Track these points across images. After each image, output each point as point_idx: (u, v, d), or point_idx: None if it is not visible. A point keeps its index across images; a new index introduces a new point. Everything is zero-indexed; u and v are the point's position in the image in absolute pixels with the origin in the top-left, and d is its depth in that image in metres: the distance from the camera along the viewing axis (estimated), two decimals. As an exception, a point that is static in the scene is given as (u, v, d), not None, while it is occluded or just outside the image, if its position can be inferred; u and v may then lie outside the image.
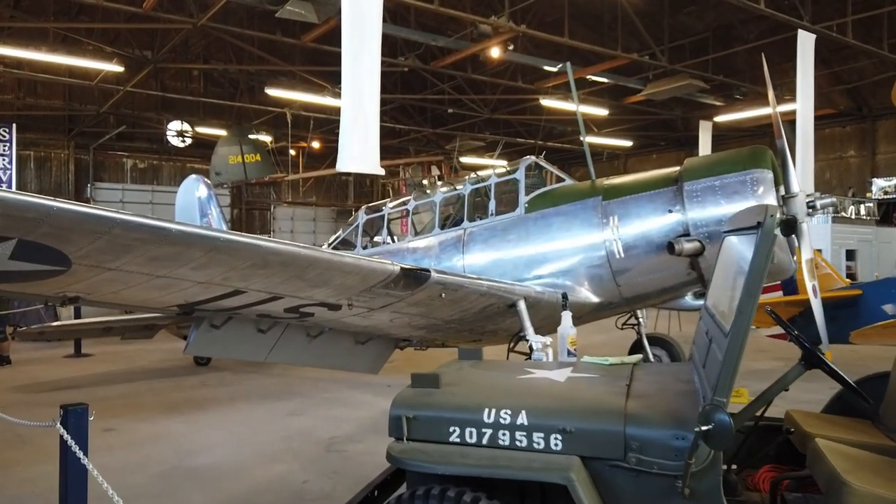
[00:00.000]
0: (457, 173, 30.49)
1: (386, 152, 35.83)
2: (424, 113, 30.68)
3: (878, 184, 24.44)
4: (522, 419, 3.03)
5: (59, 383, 10.75)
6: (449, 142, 31.39)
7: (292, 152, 29.26)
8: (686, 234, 7.30)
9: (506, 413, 3.07)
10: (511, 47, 17.24)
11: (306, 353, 7.33)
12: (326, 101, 21.31)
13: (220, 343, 6.28)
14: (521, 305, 7.19)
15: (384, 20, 16.32)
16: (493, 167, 9.43)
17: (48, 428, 3.50)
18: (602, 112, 23.55)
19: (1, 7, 20.15)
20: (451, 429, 3.14)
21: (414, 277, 5.80)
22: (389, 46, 20.00)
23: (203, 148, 30.50)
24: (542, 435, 2.98)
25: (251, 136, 26.30)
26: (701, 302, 8.18)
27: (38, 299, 5.28)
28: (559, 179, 8.87)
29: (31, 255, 3.70)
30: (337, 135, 30.80)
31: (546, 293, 7.61)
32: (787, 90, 23.19)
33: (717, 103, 23.68)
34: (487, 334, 8.45)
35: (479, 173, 9.83)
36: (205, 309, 5.50)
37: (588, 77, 20.86)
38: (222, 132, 27.78)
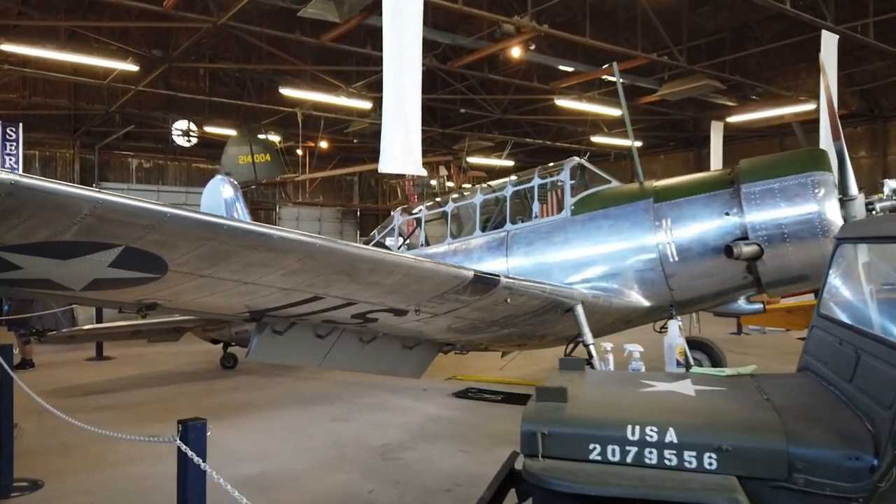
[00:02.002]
0: (465, 173, 30.43)
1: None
2: (433, 112, 30.53)
3: (891, 185, 24.35)
4: (671, 436, 2.90)
5: (89, 387, 10.57)
6: (456, 142, 31.27)
7: (299, 152, 29.13)
8: (744, 238, 7.21)
9: (652, 430, 2.94)
10: (533, 47, 17.11)
11: (358, 357, 7.21)
12: (341, 101, 21.14)
13: (282, 349, 6.14)
14: (579, 310, 7.08)
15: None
16: (532, 170, 9.29)
17: (168, 444, 3.36)
18: (616, 112, 23.44)
19: (10, 2, 19.90)
20: (592, 446, 3.01)
21: (485, 283, 5.68)
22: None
23: (209, 148, 30.27)
24: (693, 453, 2.85)
25: (260, 136, 26.12)
26: (755, 306, 8.11)
27: (111, 306, 5.12)
28: (604, 181, 8.76)
29: (131, 262, 3.56)
30: (345, 135, 30.70)
31: (601, 297, 7.50)
32: (801, 90, 23.20)
33: (730, 104, 23.60)
34: (536, 339, 8.34)
35: (520, 175, 9.71)
36: (275, 315, 5.37)
37: (604, 77, 20.77)
38: (228, 132, 27.59)
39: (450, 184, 29.85)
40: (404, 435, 7.78)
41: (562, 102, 22.11)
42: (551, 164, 9.37)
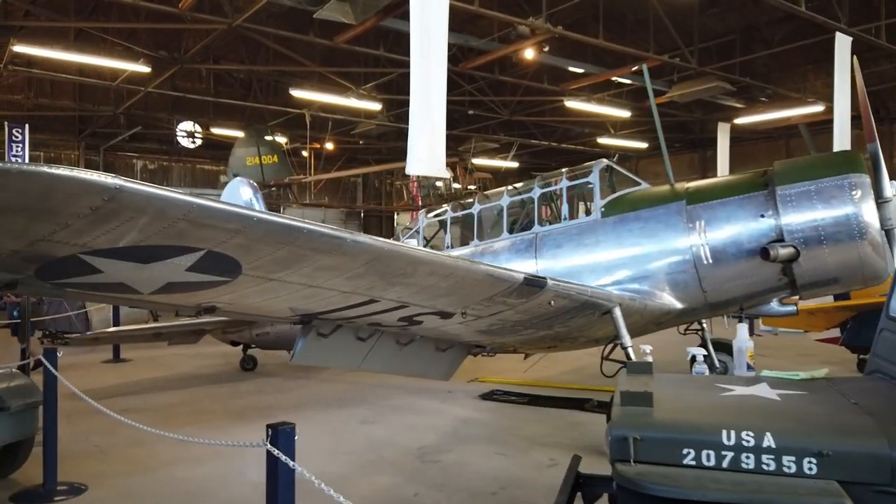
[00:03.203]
0: (471, 175, 30.42)
1: (398, 154, 35.74)
2: (439, 114, 30.48)
3: (897, 186, 24.44)
4: (769, 441, 2.90)
5: (112, 390, 10.52)
6: (462, 143, 31.26)
7: (304, 153, 29.09)
8: (780, 240, 7.21)
9: (748, 434, 2.93)
10: (546, 48, 17.13)
11: (394, 360, 7.18)
12: (351, 102, 21.11)
13: (325, 351, 6.11)
14: (617, 312, 7.06)
15: (407, 19, 16.26)
16: (560, 171, 9.29)
17: (257, 448, 3.33)
18: (625, 114, 23.50)
19: (19, 1, 19.79)
20: (686, 451, 3.00)
21: (533, 285, 5.67)
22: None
23: (213, 149, 30.23)
24: (792, 458, 2.85)
25: (267, 138, 26.08)
26: (789, 308, 8.12)
27: (168, 309, 5.10)
28: (634, 183, 8.76)
29: (209, 265, 3.54)
30: (351, 136, 30.69)
31: (637, 299, 7.50)
32: (809, 92, 23.27)
33: (738, 105, 23.65)
34: (568, 341, 8.33)
35: (546, 176, 9.69)
36: (326, 318, 5.36)
37: (614, 79, 20.80)
38: (233, 133, 27.53)
39: (456, 185, 29.86)
40: (438, 437, 7.77)
41: (571, 104, 22.12)
42: (579, 166, 9.37)
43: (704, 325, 10.08)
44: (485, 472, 6.45)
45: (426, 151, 9.32)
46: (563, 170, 9.31)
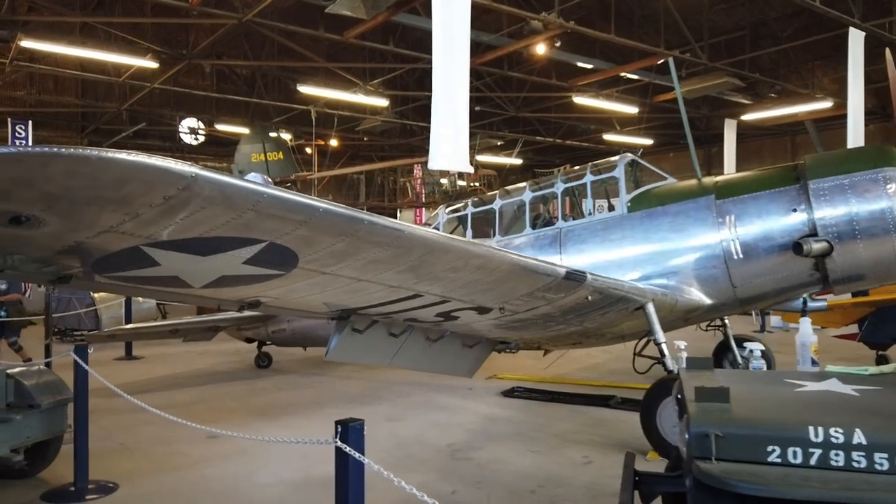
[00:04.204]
0: (475, 171, 30.30)
1: (402, 151, 35.46)
2: (444, 110, 30.38)
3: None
4: (859, 438, 2.81)
5: (129, 387, 10.16)
6: (466, 140, 31.11)
7: (308, 150, 28.95)
8: (813, 234, 7.14)
9: (837, 431, 2.84)
10: (559, 44, 17.03)
11: (423, 356, 7.12)
12: (358, 98, 20.99)
13: (359, 347, 6.03)
14: (650, 308, 6.98)
15: (418, 14, 16.12)
16: (584, 166, 9.21)
17: (324, 446, 3.25)
18: (632, 110, 23.42)
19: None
20: (770, 448, 2.91)
21: (574, 280, 5.59)
22: (426, 43, 19.76)
23: (216, 146, 30.07)
24: (885, 455, 2.76)
25: (272, 135, 25.94)
26: (820, 303, 8.05)
27: (209, 304, 4.99)
28: (659, 178, 8.68)
29: (267, 258, 3.45)
30: (356, 133, 30.45)
31: (668, 295, 7.42)
32: (818, 89, 23.19)
33: (745, 102, 23.58)
34: (595, 337, 8.24)
35: (569, 171, 9.62)
36: (366, 313, 5.26)
37: (622, 74, 20.71)
38: (236, 129, 27.39)
39: (461, 182, 29.77)
40: (466, 435, 7.68)
41: (580, 100, 22.03)
42: (603, 161, 9.28)
43: (727, 321, 10.03)
44: (520, 469, 6.37)
45: (450, 147, 9.21)
46: (587, 164, 9.23)
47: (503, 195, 9.84)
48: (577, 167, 9.61)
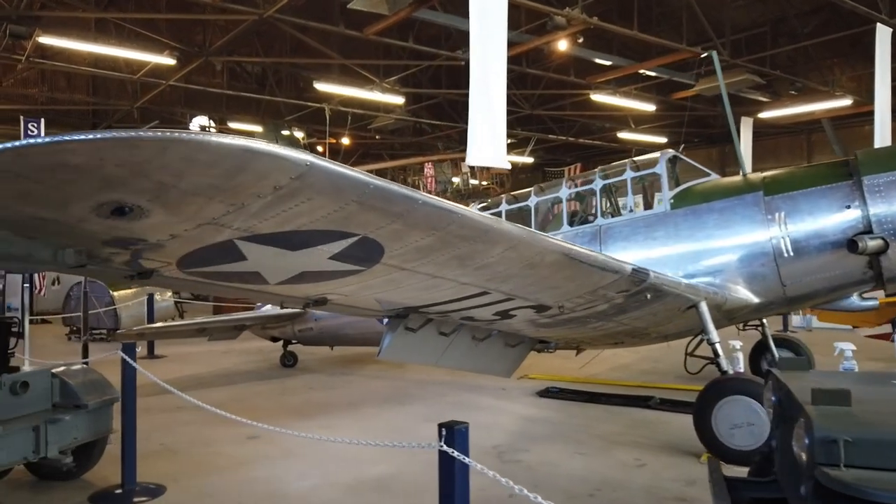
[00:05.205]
0: (489, 170, 30.16)
1: (413, 149, 35.18)
2: (456, 108, 30.24)
3: None
4: None
5: (156, 387, 10.23)
6: (478, 138, 30.95)
7: (320, 148, 28.79)
8: (867, 231, 6.98)
9: (971, 435, 2.69)
10: (581, 40, 16.84)
11: (467, 355, 6.98)
12: (374, 96, 20.83)
13: (411, 347, 5.89)
14: (703, 307, 6.83)
15: (436, 10, 15.94)
16: (622, 163, 9.06)
17: (425, 450, 3.12)
18: (650, 107, 23.23)
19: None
20: (903, 453, 2.75)
21: (640, 277, 5.43)
22: (442, 39, 19.62)
23: (228, 144, 29.84)
24: None
25: (284, 133, 25.81)
26: (870, 302, 7.88)
27: (275, 301, 4.84)
28: (703, 174, 8.52)
29: (354, 253, 3.29)
30: (369, 131, 30.16)
31: (719, 293, 7.26)
32: (837, 86, 22.99)
33: (763, 99, 23.37)
34: (638, 337, 8.08)
35: (607, 169, 9.45)
36: (426, 312, 5.11)
37: (641, 72, 20.53)
38: (248, 127, 27.21)
39: (473, 181, 29.63)
40: (509, 436, 7.53)
41: (597, 97, 21.86)
42: (643, 157, 9.13)
43: (765, 322, 9.86)
44: (573, 472, 6.22)
45: (488, 143, 9.07)
46: (625, 161, 9.08)
47: (538, 192, 9.70)
48: (610, 165, 9.42)
